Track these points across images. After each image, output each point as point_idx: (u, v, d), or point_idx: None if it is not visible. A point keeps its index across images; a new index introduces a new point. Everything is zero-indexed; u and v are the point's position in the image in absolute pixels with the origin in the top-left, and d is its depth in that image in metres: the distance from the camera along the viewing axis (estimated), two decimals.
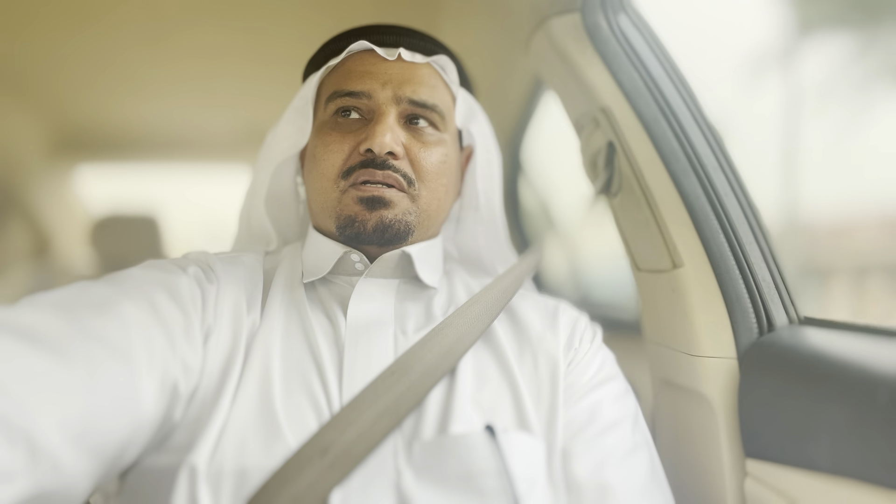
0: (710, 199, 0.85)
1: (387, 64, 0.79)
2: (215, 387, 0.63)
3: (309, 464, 0.56)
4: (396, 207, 0.75)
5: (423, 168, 0.77)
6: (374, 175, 0.74)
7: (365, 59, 0.80)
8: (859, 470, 0.59)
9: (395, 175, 0.74)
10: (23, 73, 2.12)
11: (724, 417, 0.80)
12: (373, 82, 0.77)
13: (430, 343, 0.68)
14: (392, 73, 0.78)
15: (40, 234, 2.75)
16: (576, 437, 0.68)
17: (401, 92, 0.77)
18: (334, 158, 0.76)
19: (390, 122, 0.75)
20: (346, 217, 0.75)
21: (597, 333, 0.81)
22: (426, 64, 0.82)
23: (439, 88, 0.82)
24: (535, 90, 1.50)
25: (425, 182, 0.77)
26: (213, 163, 3.04)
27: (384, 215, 0.74)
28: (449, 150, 0.81)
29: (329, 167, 0.77)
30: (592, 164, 1.02)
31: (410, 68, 0.80)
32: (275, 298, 0.74)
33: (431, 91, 0.80)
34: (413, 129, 0.79)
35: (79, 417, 0.49)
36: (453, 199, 0.86)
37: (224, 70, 2.12)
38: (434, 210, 0.80)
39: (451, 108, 0.84)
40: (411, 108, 0.78)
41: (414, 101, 0.78)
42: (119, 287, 0.62)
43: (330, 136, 0.78)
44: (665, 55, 0.94)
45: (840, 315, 0.82)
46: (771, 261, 0.84)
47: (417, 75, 0.79)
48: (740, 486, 0.78)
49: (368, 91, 0.77)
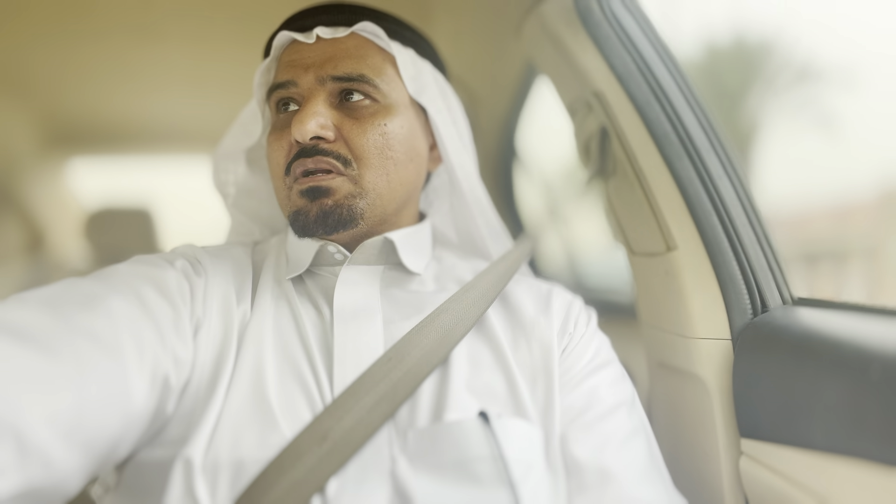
0: (703, 182, 0.85)
1: (309, 48, 0.77)
2: (208, 379, 0.63)
3: (308, 451, 0.56)
4: (336, 193, 0.73)
5: (358, 146, 0.74)
6: (306, 164, 0.72)
7: (291, 49, 0.79)
8: (853, 446, 0.59)
9: (327, 159, 0.72)
10: (13, 66, 2.10)
11: (718, 398, 0.81)
12: (296, 69, 0.76)
13: (426, 329, 0.68)
14: (314, 56, 0.76)
15: (34, 228, 2.74)
16: (574, 423, 0.68)
17: (322, 72, 0.75)
18: (278, 157, 0.76)
19: (313, 106, 0.72)
20: (293, 212, 0.74)
21: (591, 318, 0.81)
22: (351, 35, 0.78)
23: (368, 57, 0.77)
24: (527, 75, 1.50)
25: (364, 160, 0.74)
26: (205, 154, 3.02)
27: (324, 203, 0.73)
28: (395, 119, 0.77)
29: (276, 166, 0.77)
30: (586, 149, 1.02)
31: (332, 45, 0.77)
32: (264, 290, 0.74)
33: (356, 62, 0.76)
34: (347, 105, 0.76)
35: (68, 413, 0.49)
36: (418, 170, 0.82)
37: (215, 61, 2.11)
38: (384, 189, 0.76)
39: (393, 73, 0.79)
40: (339, 85, 0.75)
41: (336, 76, 0.74)
42: (106, 282, 0.62)
43: (273, 136, 0.77)
44: (657, 38, 0.94)
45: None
46: (764, 242, 0.84)
47: (340, 50, 0.76)
48: (735, 466, 0.79)
49: (293, 79, 0.75)
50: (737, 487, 0.79)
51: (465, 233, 0.94)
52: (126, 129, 2.76)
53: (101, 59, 2.05)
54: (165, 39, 1.93)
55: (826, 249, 11.24)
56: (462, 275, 0.83)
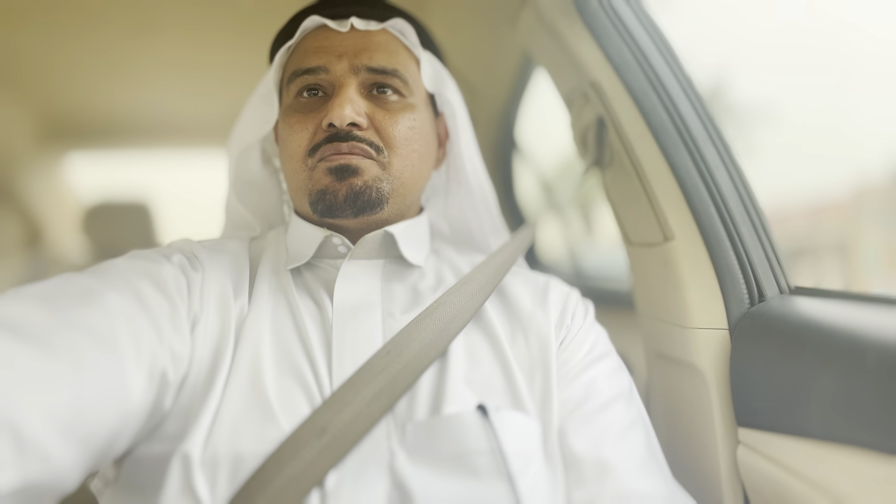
0: (700, 172, 0.85)
1: (341, 36, 0.78)
2: (206, 374, 0.63)
3: (307, 444, 0.56)
4: (366, 174, 0.73)
5: (389, 135, 0.76)
6: (340, 148, 0.73)
7: (319, 35, 0.79)
8: (850, 435, 0.60)
9: (361, 145, 0.73)
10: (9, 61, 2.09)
11: (716, 388, 0.81)
12: (328, 56, 0.76)
13: (424, 322, 0.68)
14: (347, 44, 0.77)
15: (32, 223, 2.74)
16: (572, 415, 0.68)
17: (357, 61, 0.76)
18: (300, 138, 0.76)
19: (349, 93, 0.74)
20: (317, 191, 0.74)
21: (589, 310, 0.81)
22: (382, 30, 0.80)
23: (399, 53, 0.80)
24: (525, 66, 1.49)
25: (394, 149, 0.76)
26: (201, 148, 3.02)
27: (354, 183, 0.73)
28: (418, 116, 0.79)
29: (296, 148, 0.76)
30: (583, 140, 1.02)
31: (365, 37, 0.78)
32: (262, 284, 0.73)
33: (390, 56, 0.78)
34: (376, 97, 0.77)
35: (66, 408, 0.49)
36: (430, 167, 0.84)
37: (211, 54, 2.10)
38: (408, 178, 0.78)
39: (416, 73, 0.82)
40: (371, 77, 0.77)
41: (372, 68, 0.76)
42: (103, 278, 0.62)
43: (293, 118, 0.77)
44: (654, 28, 0.94)
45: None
46: (761, 232, 0.84)
47: (374, 42, 0.78)
48: (733, 455, 0.79)
49: (325, 65, 0.76)
50: (734, 477, 0.79)
51: (462, 228, 0.95)
52: (123, 123, 2.75)
53: (97, 53, 2.05)
54: (161, 33, 1.92)
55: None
56: (460, 268, 0.83)
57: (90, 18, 1.80)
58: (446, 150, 0.92)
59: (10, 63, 2.11)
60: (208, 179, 3.42)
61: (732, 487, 0.80)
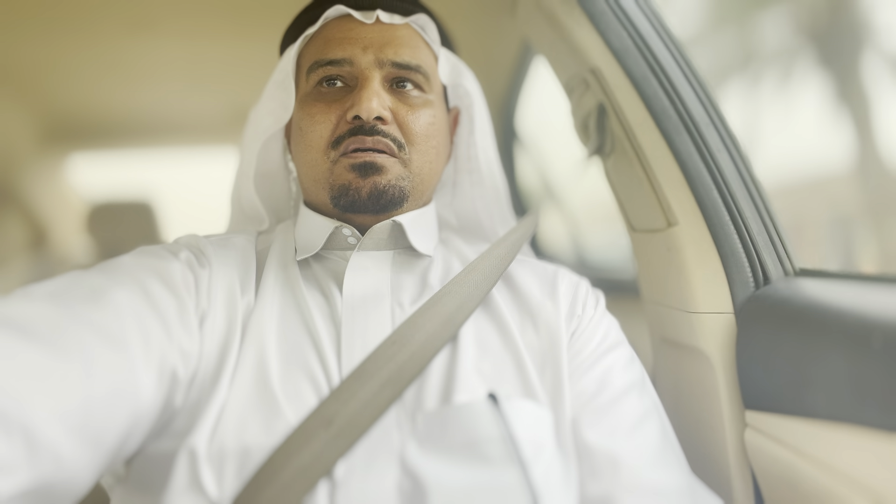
0: (702, 156, 0.85)
1: (365, 28, 0.77)
2: (213, 370, 0.63)
3: (314, 436, 0.57)
4: (389, 173, 0.74)
5: (412, 131, 0.76)
6: (364, 142, 0.73)
7: (342, 24, 0.78)
8: (856, 414, 0.60)
9: (385, 140, 0.73)
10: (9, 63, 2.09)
11: (722, 371, 0.81)
12: (353, 48, 0.76)
13: (430, 312, 0.68)
14: (372, 37, 0.77)
15: (36, 224, 2.74)
16: (585, 407, 0.68)
17: (383, 55, 0.76)
18: (321, 129, 0.75)
19: (375, 86, 0.74)
20: (339, 186, 0.74)
21: (599, 300, 0.81)
22: (405, 25, 0.80)
23: (421, 49, 0.80)
24: (524, 55, 1.48)
25: (415, 145, 0.76)
26: (203, 145, 3.02)
27: (378, 181, 0.73)
28: (436, 112, 0.80)
29: (317, 138, 0.76)
30: (584, 127, 1.02)
31: (390, 30, 0.78)
32: (269, 278, 0.73)
33: (413, 52, 0.78)
34: (398, 92, 0.77)
35: (77, 408, 0.49)
36: (444, 161, 0.85)
37: (210, 51, 2.09)
38: (427, 173, 0.79)
39: (435, 68, 0.83)
40: (395, 71, 0.77)
41: (397, 63, 0.76)
42: (111, 275, 0.62)
43: (315, 107, 0.76)
44: (653, 12, 0.93)
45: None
46: (765, 214, 0.84)
47: (398, 37, 0.78)
48: (740, 438, 0.79)
49: (350, 57, 0.76)
50: (742, 459, 0.79)
51: (471, 218, 0.95)
52: (124, 123, 2.75)
53: (97, 52, 2.04)
54: (161, 30, 1.91)
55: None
56: (469, 258, 0.83)
57: (89, 18, 1.80)
58: (454, 142, 0.92)
59: (11, 65, 2.11)
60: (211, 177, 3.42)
61: (741, 470, 0.80)
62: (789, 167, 9.22)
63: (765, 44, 8.96)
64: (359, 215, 0.77)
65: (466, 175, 0.93)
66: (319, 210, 0.80)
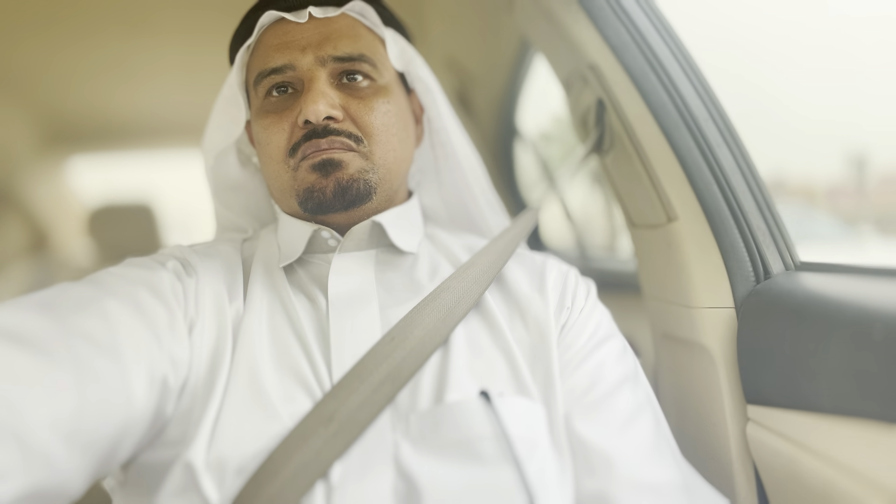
0: (702, 151, 0.84)
1: (301, 28, 0.76)
2: (205, 378, 0.63)
3: (314, 433, 0.57)
4: (350, 167, 0.72)
5: (367, 123, 0.74)
6: (319, 145, 0.71)
7: (278, 30, 0.77)
8: (858, 407, 0.60)
9: (340, 138, 0.72)
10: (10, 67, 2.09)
11: (723, 366, 0.81)
12: (292, 52, 0.74)
13: (427, 308, 0.68)
14: (309, 36, 0.75)
15: (37, 228, 2.75)
16: (578, 402, 0.67)
17: (322, 52, 0.74)
18: (277, 139, 0.74)
19: (320, 87, 0.72)
20: (304, 190, 0.73)
21: (591, 289, 0.80)
22: (341, 15, 0.78)
23: (362, 37, 0.78)
24: (522, 51, 1.48)
25: (373, 136, 0.75)
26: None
27: (340, 177, 0.72)
28: (392, 98, 0.78)
29: (275, 149, 0.75)
30: (583, 123, 1.02)
31: (326, 25, 0.76)
32: (256, 285, 0.73)
33: (354, 42, 0.76)
34: (348, 86, 0.76)
35: (69, 414, 0.49)
36: (412, 148, 0.83)
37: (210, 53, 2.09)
38: (392, 163, 0.77)
39: (383, 53, 0.80)
40: (339, 66, 0.75)
41: (338, 57, 0.74)
42: (101, 286, 0.62)
43: (267, 119, 0.75)
44: (651, 7, 0.93)
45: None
46: (765, 209, 0.84)
47: (335, 30, 0.76)
48: (742, 432, 0.79)
49: (290, 62, 0.74)
50: (745, 454, 0.79)
51: (459, 207, 0.94)
52: (125, 125, 2.75)
53: (97, 55, 2.05)
54: (160, 34, 1.92)
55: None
56: (456, 252, 0.83)
57: (90, 21, 1.81)
58: (423, 126, 0.91)
59: (11, 68, 2.11)
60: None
61: (743, 464, 0.80)
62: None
63: None
64: (329, 216, 0.75)
65: (444, 160, 0.92)
66: (295, 216, 0.79)
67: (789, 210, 6.62)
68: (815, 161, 9.66)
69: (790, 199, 9.38)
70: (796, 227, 6.45)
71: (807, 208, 7.29)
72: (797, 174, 10.18)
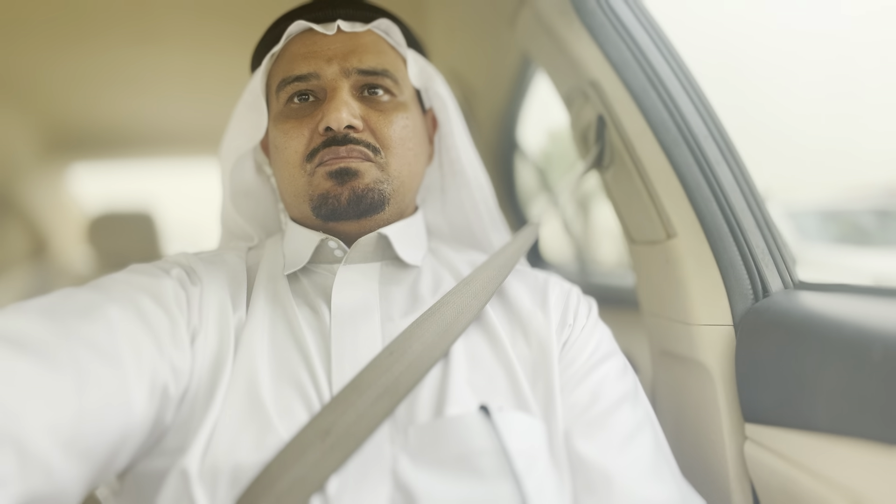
0: (701, 169, 0.85)
1: (328, 39, 0.78)
2: (206, 388, 0.63)
3: (311, 446, 0.56)
4: (366, 176, 0.74)
5: (385, 136, 0.76)
6: (338, 152, 0.73)
7: (305, 39, 0.79)
8: (857, 427, 0.59)
9: (359, 147, 0.74)
10: (12, 73, 2.10)
11: (721, 384, 0.81)
12: (318, 61, 0.76)
13: (426, 323, 0.68)
14: (335, 48, 0.77)
15: (37, 234, 2.75)
16: (578, 419, 0.67)
17: (347, 64, 0.76)
18: (296, 144, 0.76)
19: (343, 96, 0.74)
20: (319, 196, 0.74)
21: (592, 308, 0.81)
22: (368, 31, 0.80)
23: (386, 53, 0.81)
24: (524, 66, 1.49)
25: (391, 149, 0.76)
26: (204, 157, 3.03)
27: (355, 186, 0.73)
28: (410, 114, 0.80)
29: (292, 154, 0.76)
30: (583, 138, 1.02)
31: (353, 39, 0.78)
32: (259, 294, 0.73)
33: (378, 57, 0.78)
34: (369, 99, 0.78)
35: (68, 422, 0.49)
36: (424, 164, 0.85)
37: (213, 63, 2.11)
38: (406, 177, 0.79)
39: (404, 71, 0.83)
40: (363, 78, 0.77)
41: (363, 70, 0.77)
42: (104, 292, 0.62)
43: (287, 124, 0.77)
44: (652, 25, 0.94)
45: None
46: (764, 227, 0.84)
47: (361, 44, 0.78)
48: (740, 451, 0.79)
49: (315, 71, 0.76)
50: (742, 472, 0.79)
51: (462, 225, 0.95)
52: (126, 133, 2.76)
53: (100, 63, 2.06)
54: (163, 43, 1.93)
55: None
56: (459, 267, 0.83)
57: (92, 30, 1.82)
58: (436, 145, 0.93)
59: (14, 74, 2.12)
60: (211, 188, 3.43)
61: (740, 483, 0.79)
62: None
63: None
64: (342, 223, 0.76)
65: (451, 178, 0.93)
66: (304, 223, 0.80)
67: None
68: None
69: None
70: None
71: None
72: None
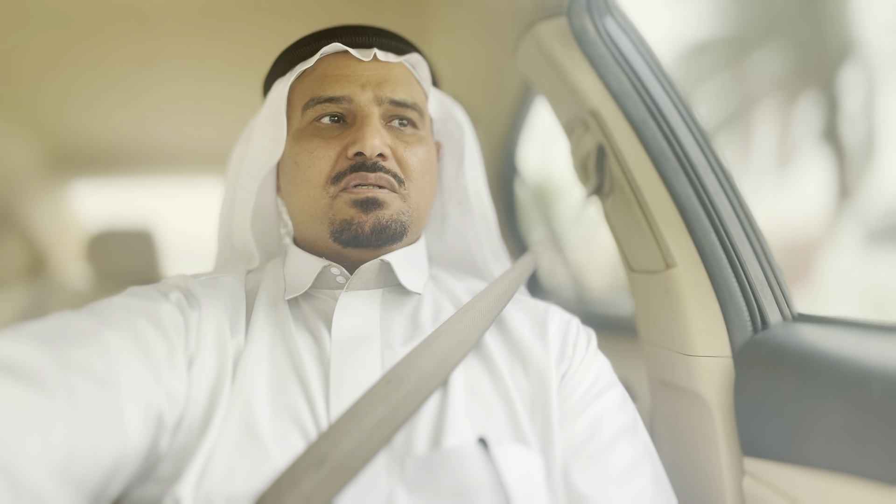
0: (700, 199, 0.85)
1: (363, 65, 0.78)
2: (202, 414, 0.62)
3: (305, 476, 0.56)
4: (391, 207, 0.74)
5: (410, 167, 0.77)
6: (367, 178, 0.73)
7: (339, 61, 0.79)
8: (856, 466, 0.59)
9: (387, 176, 0.74)
10: (15, 89, 2.12)
11: (720, 416, 0.80)
12: (352, 85, 0.77)
13: (425, 352, 0.67)
14: (369, 75, 0.78)
15: (36, 251, 2.74)
16: (577, 454, 0.66)
17: (381, 93, 0.77)
18: (321, 165, 0.75)
19: (376, 123, 0.74)
20: (341, 221, 0.74)
21: (591, 339, 0.80)
22: (399, 63, 0.81)
23: (414, 87, 0.82)
24: (525, 94, 1.51)
25: (413, 181, 0.77)
26: (205, 175, 3.04)
27: (380, 216, 0.73)
28: (429, 148, 0.81)
29: (316, 174, 0.75)
30: (583, 167, 1.02)
31: (386, 68, 0.79)
32: (258, 318, 0.73)
33: (408, 90, 0.80)
34: (395, 129, 0.79)
35: (62, 451, 0.49)
36: (434, 195, 0.86)
37: (215, 82, 2.12)
38: (423, 207, 0.80)
39: (426, 106, 0.84)
40: (393, 109, 0.78)
41: (395, 101, 0.77)
42: (101, 316, 0.61)
43: (313, 143, 0.76)
44: (652, 56, 0.95)
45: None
46: (763, 258, 0.84)
47: (394, 75, 0.79)
48: (739, 485, 0.78)
49: (349, 95, 0.76)
50: None
51: (462, 252, 0.95)
52: (127, 151, 2.77)
53: (102, 81, 2.07)
54: (165, 62, 1.94)
55: None
56: (459, 295, 0.83)
57: (94, 48, 1.83)
58: (440, 172, 0.93)
59: (16, 91, 2.13)
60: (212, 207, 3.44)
61: None
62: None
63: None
64: (358, 250, 0.76)
65: (456, 206, 0.94)
66: (314, 246, 0.79)
67: None
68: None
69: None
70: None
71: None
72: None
